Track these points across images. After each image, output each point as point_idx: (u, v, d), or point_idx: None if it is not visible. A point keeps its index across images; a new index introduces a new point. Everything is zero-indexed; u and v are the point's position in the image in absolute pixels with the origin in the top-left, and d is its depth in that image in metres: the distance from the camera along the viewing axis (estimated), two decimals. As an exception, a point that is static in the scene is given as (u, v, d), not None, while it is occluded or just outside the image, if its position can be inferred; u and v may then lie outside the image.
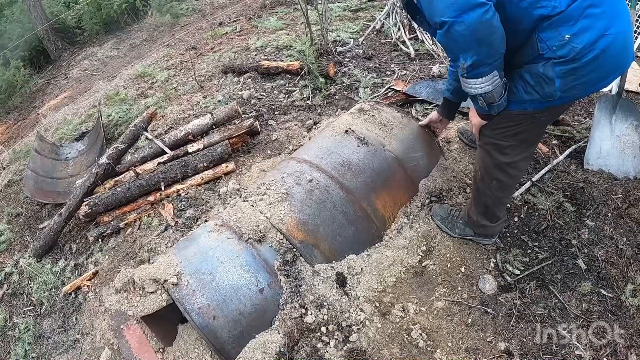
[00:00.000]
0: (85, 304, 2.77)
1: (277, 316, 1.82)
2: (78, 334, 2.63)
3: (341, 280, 2.05)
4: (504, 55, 1.52)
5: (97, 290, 2.78)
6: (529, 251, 2.26)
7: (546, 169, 2.58)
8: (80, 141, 4.20)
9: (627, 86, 3.16)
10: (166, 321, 2.22)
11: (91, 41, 5.64)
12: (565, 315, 2.03)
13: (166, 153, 3.27)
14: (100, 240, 3.13)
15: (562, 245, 2.29)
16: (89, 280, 2.90)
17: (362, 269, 2.10)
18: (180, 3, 5.38)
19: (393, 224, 2.26)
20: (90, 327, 2.61)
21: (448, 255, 2.20)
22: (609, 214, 2.43)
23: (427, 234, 2.24)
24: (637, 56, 3.54)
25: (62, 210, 3.21)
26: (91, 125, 4.26)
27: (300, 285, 1.94)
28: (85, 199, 3.15)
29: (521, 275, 2.16)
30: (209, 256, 1.99)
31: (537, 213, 2.41)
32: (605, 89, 2.77)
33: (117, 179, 3.29)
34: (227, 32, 4.40)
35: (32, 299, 2.99)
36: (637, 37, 2.77)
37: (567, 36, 1.43)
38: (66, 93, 4.98)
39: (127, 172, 3.29)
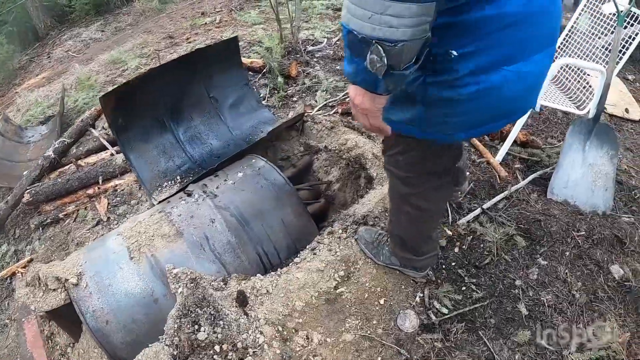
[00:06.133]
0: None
1: (169, 329, 1.71)
2: (7, 319, 2.63)
3: (241, 299, 1.88)
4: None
5: (29, 278, 2.77)
6: (464, 288, 1.99)
7: (501, 195, 2.30)
8: (45, 125, 4.09)
9: (611, 110, 2.85)
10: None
11: (80, 21, 5.54)
12: (492, 367, 1.76)
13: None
14: (41, 228, 3.09)
15: (504, 285, 2.01)
16: (24, 267, 2.87)
17: (267, 289, 1.92)
18: (169, -11, 5.24)
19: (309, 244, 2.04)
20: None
21: (367, 284, 1.95)
22: (567, 253, 2.14)
23: (348, 258, 1.99)
24: (626, 79, 3.21)
25: (8, 197, 3.22)
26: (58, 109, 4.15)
27: (196, 300, 1.80)
28: (28, 188, 3.12)
29: (449, 315, 1.89)
30: (111, 260, 1.92)
31: (482, 245, 2.13)
32: (582, 112, 2.46)
33: (61, 170, 3.27)
34: (206, 23, 4.23)
35: (-28, 281, 2.94)
36: (621, 58, 2.45)
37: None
38: (45, 73, 4.88)
39: (72, 164, 3.25)
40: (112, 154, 3.11)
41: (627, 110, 2.86)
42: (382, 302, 1.92)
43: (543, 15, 1.13)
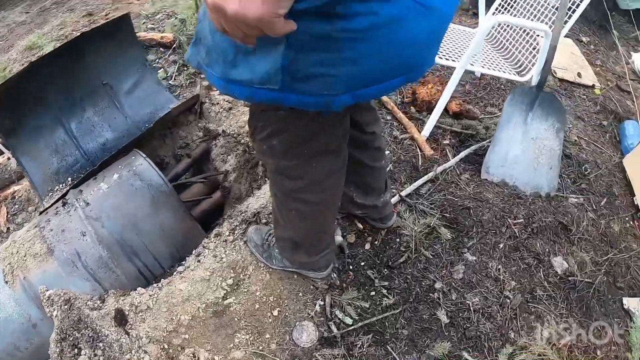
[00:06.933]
0: None
1: (52, 353, 1.59)
2: None
3: (119, 318, 1.64)
4: None
5: None
6: (373, 293, 1.68)
7: (424, 178, 1.96)
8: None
9: (562, 74, 2.51)
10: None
11: (7, 2, 5.07)
12: (398, 390, 1.47)
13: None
14: (-53, 240, 2.82)
15: (421, 288, 1.70)
16: None
17: (148, 305, 1.66)
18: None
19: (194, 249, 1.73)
20: None
21: (259, 293, 1.64)
22: (501, 246, 1.83)
23: (236, 264, 1.67)
24: (580, 41, 2.86)
25: None
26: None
27: (72, 323, 1.64)
28: None
29: (353, 327, 1.59)
30: None
31: (398, 240, 1.81)
32: (523, 79, 2.12)
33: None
34: (130, -4, 3.83)
35: None
36: (570, 16, 2.10)
37: None
38: (-32, 63, 4.47)
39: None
40: (8, 158, 2.78)
41: (579, 75, 2.52)
42: (275, 313, 1.62)
43: None
